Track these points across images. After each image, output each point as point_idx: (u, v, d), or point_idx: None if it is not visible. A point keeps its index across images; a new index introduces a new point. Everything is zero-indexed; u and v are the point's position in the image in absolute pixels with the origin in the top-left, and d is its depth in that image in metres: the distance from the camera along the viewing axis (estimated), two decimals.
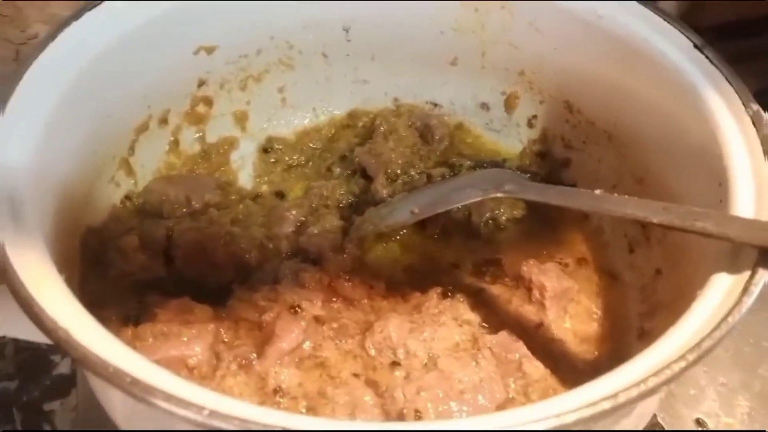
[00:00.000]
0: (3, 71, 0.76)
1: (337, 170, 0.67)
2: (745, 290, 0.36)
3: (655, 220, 0.41)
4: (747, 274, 0.38)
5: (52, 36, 0.49)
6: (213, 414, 0.29)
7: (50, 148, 0.46)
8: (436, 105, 0.71)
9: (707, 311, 0.36)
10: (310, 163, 0.68)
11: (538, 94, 0.66)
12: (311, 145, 0.69)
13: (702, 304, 0.37)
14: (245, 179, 0.67)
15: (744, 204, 0.42)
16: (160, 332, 0.45)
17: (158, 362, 0.42)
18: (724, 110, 0.48)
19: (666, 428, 0.56)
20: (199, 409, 0.29)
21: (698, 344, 0.34)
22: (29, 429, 0.61)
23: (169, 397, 0.30)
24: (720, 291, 0.37)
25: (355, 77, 0.69)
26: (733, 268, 0.39)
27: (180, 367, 0.44)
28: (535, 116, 0.67)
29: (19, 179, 0.42)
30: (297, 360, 0.48)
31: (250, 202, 0.63)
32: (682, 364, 0.33)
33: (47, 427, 0.61)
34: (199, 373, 0.45)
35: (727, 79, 0.49)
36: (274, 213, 0.61)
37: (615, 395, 0.32)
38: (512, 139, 0.69)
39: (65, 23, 0.50)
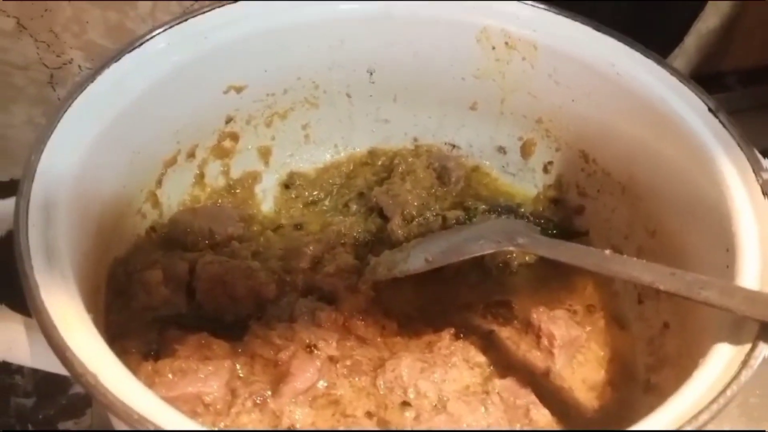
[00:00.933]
0: (37, 94, 0.79)
1: (354, 207, 0.68)
2: (745, 363, 0.37)
3: (661, 287, 0.42)
4: (748, 346, 0.39)
5: (92, 77, 0.52)
6: None
7: (85, 184, 0.48)
8: (454, 146, 0.72)
9: (706, 382, 0.37)
10: (329, 199, 0.70)
11: (554, 141, 0.67)
12: (330, 181, 0.71)
13: (702, 374, 0.38)
14: (266, 211, 0.69)
15: (749, 273, 0.43)
16: (178, 368, 0.47)
17: (176, 399, 0.44)
18: (735, 176, 0.49)
19: None
20: None
21: (695, 416, 0.35)
22: None
23: None
24: (720, 362, 0.39)
25: (376, 116, 0.72)
26: (735, 339, 0.40)
27: (197, 403, 0.46)
28: (550, 162, 0.69)
29: (55, 215, 0.44)
30: (311, 399, 0.50)
31: (271, 233, 0.65)
32: None
33: None
34: (214, 409, 0.47)
35: (739, 144, 0.50)
36: (292, 247, 0.63)
37: None
38: (527, 184, 0.71)
39: (105, 64, 0.53)
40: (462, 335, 0.57)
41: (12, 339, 0.43)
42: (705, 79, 0.99)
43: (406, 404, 0.51)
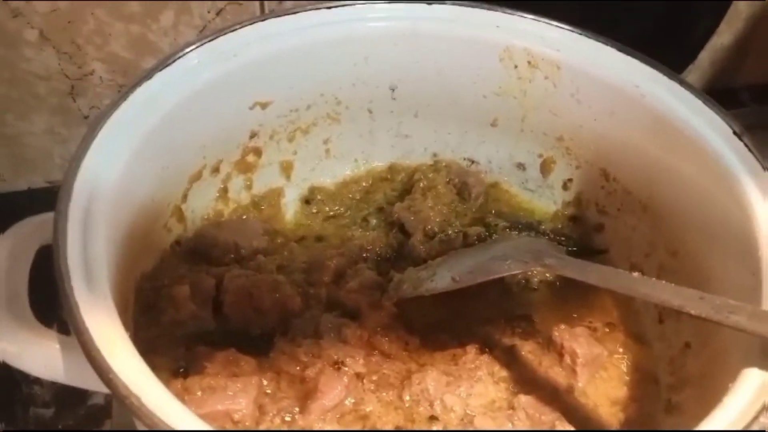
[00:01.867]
0: (58, 104, 0.80)
1: (373, 221, 0.69)
2: None
3: (692, 312, 0.43)
4: None
5: (125, 95, 0.52)
6: None
7: (119, 200, 0.49)
8: (473, 162, 0.73)
9: (737, 408, 0.38)
10: (348, 213, 0.71)
11: (574, 159, 0.68)
12: (350, 195, 0.72)
13: (733, 400, 0.39)
14: (289, 224, 0.70)
15: None
16: (207, 386, 0.47)
17: (206, 416, 0.45)
18: (761, 200, 0.49)
19: None
20: None
21: None
22: None
23: None
24: (751, 387, 0.39)
25: (397, 132, 0.72)
26: (765, 364, 0.40)
27: (226, 420, 0.47)
28: (570, 180, 0.69)
29: (91, 233, 0.45)
30: (338, 415, 0.50)
31: (295, 245, 0.66)
32: None
33: None
34: (243, 426, 0.47)
35: (763, 168, 0.51)
36: (315, 260, 0.64)
37: None
38: (546, 200, 0.71)
39: (138, 82, 0.53)
40: (488, 350, 0.57)
41: (48, 357, 0.43)
42: (718, 94, 1.00)
43: (433, 418, 0.52)
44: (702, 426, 0.38)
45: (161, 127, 0.53)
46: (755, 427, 0.36)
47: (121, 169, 0.49)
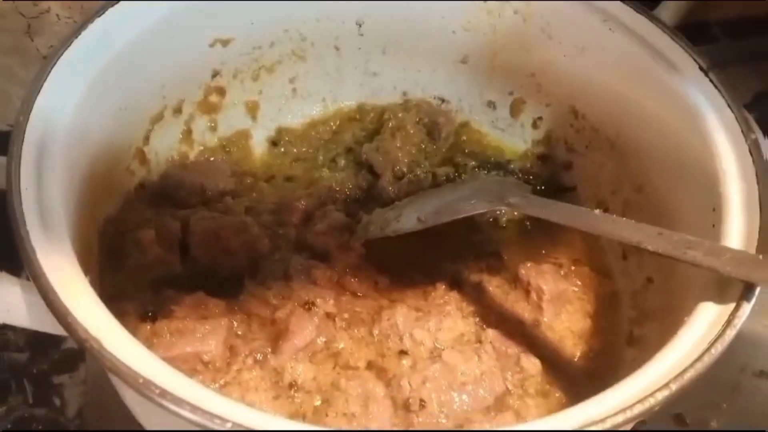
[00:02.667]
0: (14, 44, 0.77)
1: (342, 162, 0.68)
2: (729, 322, 0.39)
3: (649, 247, 0.43)
4: (732, 306, 0.40)
5: (75, 32, 0.50)
6: (235, 426, 0.32)
7: (74, 142, 0.48)
8: (443, 101, 0.72)
9: (692, 340, 0.39)
10: (317, 154, 0.70)
11: (545, 97, 0.67)
12: (318, 136, 0.71)
13: (687, 332, 0.40)
14: (258, 163, 0.69)
15: (735, 233, 0.44)
16: (176, 329, 0.47)
17: (175, 358, 0.45)
18: (724, 136, 0.49)
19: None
20: (223, 422, 0.32)
21: (681, 374, 0.36)
22: (40, 400, 0.64)
23: (195, 409, 0.33)
24: (705, 320, 0.40)
25: (365, 69, 0.71)
26: (719, 298, 0.41)
27: (196, 362, 0.47)
28: (540, 118, 0.69)
29: (47, 175, 0.44)
30: (310, 354, 0.51)
31: (264, 185, 0.65)
32: (666, 393, 0.36)
33: (57, 400, 0.64)
34: (213, 367, 0.48)
35: (728, 104, 0.51)
36: (283, 202, 0.63)
37: (602, 420, 0.34)
38: (516, 139, 0.71)
39: (89, 19, 0.51)
40: (456, 286, 0.58)
41: (11, 302, 0.43)
42: (692, 28, 0.99)
43: (403, 353, 0.53)
44: (658, 357, 0.39)
45: (116, 65, 0.52)
46: (707, 359, 0.37)
47: (76, 110, 0.48)
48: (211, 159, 0.66)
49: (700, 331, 0.39)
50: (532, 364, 0.54)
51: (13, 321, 0.44)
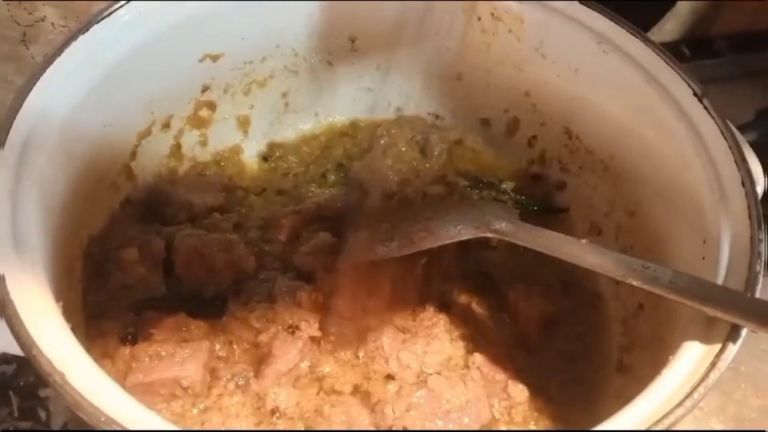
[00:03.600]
0: (10, 51, 0.77)
1: (332, 177, 0.68)
2: (713, 365, 0.38)
3: (634, 283, 0.42)
4: (717, 347, 0.39)
5: (59, 50, 0.50)
6: None
7: (55, 160, 0.47)
8: (437, 117, 0.71)
9: (675, 382, 0.38)
10: (307, 169, 0.69)
11: (539, 116, 0.66)
12: (309, 151, 0.70)
13: (671, 372, 0.39)
14: (249, 177, 0.68)
15: (723, 268, 0.43)
16: (155, 353, 0.47)
17: (154, 383, 0.45)
18: (716, 165, 0.48)
19: None
20: None
21: (661, 420, 0.35)
22: (25, 412, 0.64)
23: None
24: (689, 361, 0.39)
25: (359, 85, 0.70)
26: (706, 337, 0.40)
27: (174, 386, 0.47)
28: (534, 137, 0.68)
29: (23, 197, 0.43)
30: (294, 378, 0.50)
31: (254, 198, 0.65)
32: None
33: (42, 413, 0.64)
34: (193, 392, 0.47)
35: (722, 132, 0.49)
36: (271, 218, 0.62)
37: None
38: (511, 157, 0.70)
39: (73, 36, 0.50)
40: (445, 308, 0.57)
41: None
42: (696, 43, 0.98)
43: (389, 377, 0.52)
44: (638, 400, 0.38)
45: (103, 81, 0.51)
46: (689, 404, 0.36)
47: (58, 132, 0.47)
48: (202, 173, 0.65)
49: (684, 373, 0.38)
50: (519, 391, 0.53)
51: None
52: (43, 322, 0.37)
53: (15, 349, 0.43)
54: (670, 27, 0.98)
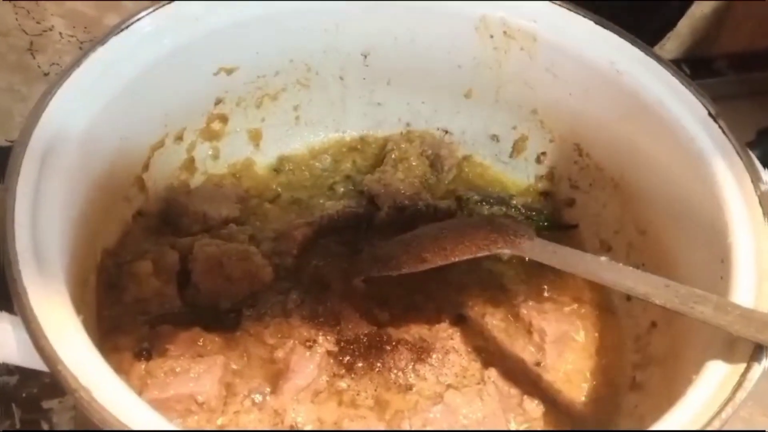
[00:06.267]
0: (17, 61, 0.76)
1: (340, 189, 0.68)
2: (739, 385, 0.38)
3: (656, 301, 0.42)
4: (742, 366, 0.39)
5: (77, 62, 0.49)
6: None
7: (72, 176, 0.47)
8: (447, 132, 0.71)
9: (700, 403, 0.38)
10: (317, 182, 0.69)
11: (548, 133, 0.67)
12: (318, 165, 0.70)
13: (695, 393, 0.39)
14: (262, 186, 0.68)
15: (743, 288, 0.44)
16: (170, 368, 0.46)
17: (169, 399, 0.44)
18: (733, 185, 0.49)
19: None
20: None
21: None
22: (28, 425, 0.63)
23: None
24: (714, 381, 0.39)
25: (369, 100, 0.70)
26: (729, 357, 0.40)
27: (190, 403, 0.46)
28: (544, 153, 0.68)
29: (42, 211, 0.43)
30: (312, 393, 0.50)
31: (269, 206, 0.65)
32: None
33: (45, 425, 0.63)
34: (208, 407, 0.47)
35: (738, 153, 0.50)
36: (283, 230, 0.62)
37: None
38: (520, 173, 0.70)
39: (92, 48, 0.50)
40: (460, 321, 0.58)
41: (1, 339, 0.41)
42: (696, 63, 0.99)
43: (405, 388, 0.52)
44: (667, 418, 0.38)
45: (120, 98, 0.51)
46: (717, 424, 0.36)
47: (76, 144, 0.47)
48: (219, 185, 0.65)
49: (709, 392, 0.38)
50: (534, 406, 0.54)
51: (3, 358, 0.43)
52: (67, 337, 0.36)
53: (15, 359, 0.42)
54: (670, 47, 0.99)
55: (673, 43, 0.98)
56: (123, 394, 0.35)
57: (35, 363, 0.42)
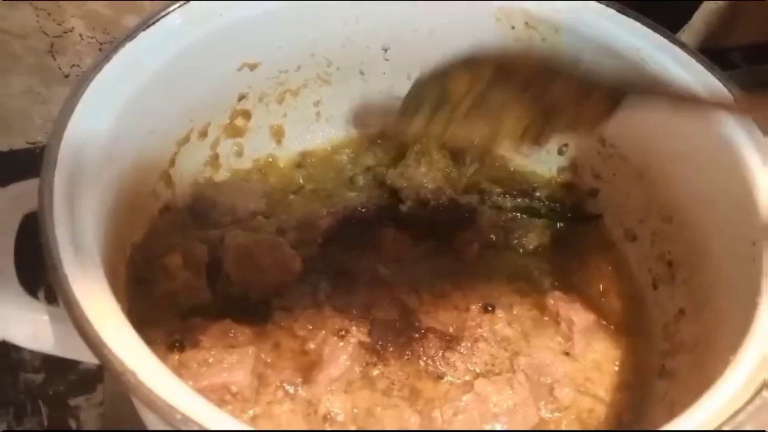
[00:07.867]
0: (37, 63, 0.77)
1: (360, 181, 0.68)
2: None
3: None
4: None
5: (107, 57, 0.50)
6: None
7: (104, 170, 0.47)
8: None
9: (739, 381, 0.38)
10: (338, 176, 0.69)
11: None
12: (339, 159, 0.70)
13: (734, 372, 0.39)
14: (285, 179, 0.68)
15: None
16: (203, 359, 0.47)
17: (203, 389, 0.44)
18: (761, 168, 0.49)
19: None
20: None
21: (732, 417, 0.35)
22: (55, 422, 0.63)
23: None
24: (751, 361, 0.39)
25: (389, 94, 0.70)
26: (763, 344, 0.40)
27: (224, 393, 0.46)
28: (566, 145, 0.68)
29: (78, 203, 0.43)
30: (345, 384, 0.50)
31: (293, 196, 0.65)
32: None
33: (73, 423, 0.63)
34: (242, 397, 0.47)
35: (765, 134, 0.50)
36: (306, 219, 0.62)
37: None
38: (542, 165, 0.70)
39: (120, 44, 0.51)
40: (490, 309, 0.58)
41: (37, 329, 0.42)
42: (710, 55, 0.99)
43: (437, 377, 0.53)
44: (704, 397, 0.38)
45: (146, 91, 0.51)
46: (758, 402, 0.36)
47: (107, 135, 0.47)
48: (246, 180, 0.65)
49: (746, 372, 0.38)
50: (564, 395, 0.54)
51: (38, 347, 0.44)
52: (109, 322, 0.36)
53: (52, 349, 0.43)
54: (685, 39, 0.99)
55: (688, 35, 0.99)
56: (168, 378, 0.35)
57: (72, 352, 0.42)
